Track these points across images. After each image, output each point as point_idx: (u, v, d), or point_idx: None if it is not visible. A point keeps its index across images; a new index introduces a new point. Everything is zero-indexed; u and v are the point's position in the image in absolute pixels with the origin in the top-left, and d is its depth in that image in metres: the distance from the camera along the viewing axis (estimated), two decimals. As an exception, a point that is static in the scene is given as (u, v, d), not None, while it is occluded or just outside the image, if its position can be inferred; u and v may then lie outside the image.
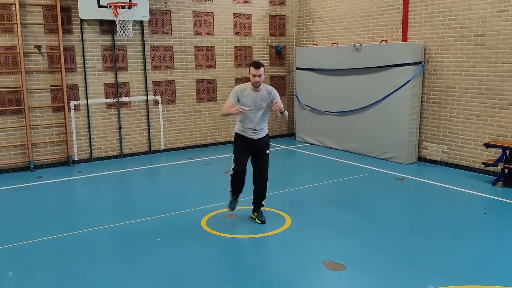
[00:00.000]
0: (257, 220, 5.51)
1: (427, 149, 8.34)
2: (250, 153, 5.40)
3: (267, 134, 5.54)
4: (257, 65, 5.16)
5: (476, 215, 5.73)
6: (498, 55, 7.13)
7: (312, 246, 4.84)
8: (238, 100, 5.21)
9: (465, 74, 7.60)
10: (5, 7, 7.82)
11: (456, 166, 7.89)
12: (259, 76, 5.13)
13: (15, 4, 7.69)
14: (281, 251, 4.79)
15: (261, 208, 5.58)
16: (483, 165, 7.19)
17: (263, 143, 5.44)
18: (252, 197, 5.58)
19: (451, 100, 7.87)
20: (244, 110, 5.05)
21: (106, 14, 8.32)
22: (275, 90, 5.42)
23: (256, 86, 5.21)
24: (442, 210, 5.90)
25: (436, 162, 8.21)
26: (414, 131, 8.30)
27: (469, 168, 7.71)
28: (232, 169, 5.34)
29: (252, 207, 5.62)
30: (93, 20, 8.55)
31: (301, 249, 4.75)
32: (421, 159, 8.44)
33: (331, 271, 4.26)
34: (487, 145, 7.04)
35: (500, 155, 6.90)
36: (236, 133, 5.45)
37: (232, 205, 5.59)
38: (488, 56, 7.25)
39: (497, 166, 6.95)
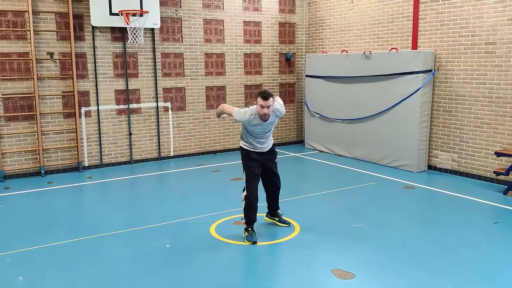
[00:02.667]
0: (281, 224, 5.52)
1: (437, 158, 8.29)
2: (261, 167, 5.22)
3: (274, 144, 5.45)
4: (265, 95, 4.70)
5: (487, 225, 5.67)
6: (509, 63, 7.09)
7: (321, 254, 4.82)
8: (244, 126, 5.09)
9: (476, 82, 7.57)
10: (18, 14, 7.93)
11: (467, 175, 7.83)
12: (268, 107, 4.71)
13: (28, 12, 7.80)
14: (289, 258, 4.78)
15: (278, 211, 5.59)
16: (494, 174, 7.12)
17: (272, 153, 5.35)
18: (267, 205, 5.58)
19: (461, 108, 7.82)
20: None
21: (118, 22, 8.41)
22: (278, 103, 5.21)
23: (264, 120, 4.86)
24: (453, 219, 5.85)
25: (446, 170, 8.16)
26: (424, 139, 8.26)
27: (479, 177, 7.65)
28: (246, 194, 5.12)
29: (266, 211, 5.65)
30: (105, 27, 8.64)
31: (310, 257, 4.74)
32: (431, 167, 8.39)
33: (340, 280, 4.24)
34: (498, 154, 6.99)
35: (511, 164, 6.83)
36: (243, 148, 5.23)
37: (251, 238, 5.07)
38: (499, 64, 7.21)
39: (508, 175, 6.89)
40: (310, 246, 5.02)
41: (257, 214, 5.26)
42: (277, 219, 5.60)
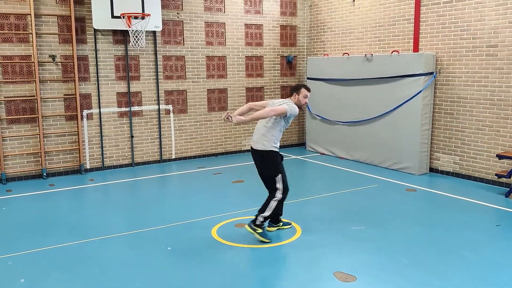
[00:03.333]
0: (285, 227, 5.58)
1: (439, 160, 8.29)
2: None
3: (263, 153, 5.34)
4: (308, 88, 5.37)
5: (489, 227, 5.66)
6: (510, 66, 7.09)
7: (322, 256, 4.82)
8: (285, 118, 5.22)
9: (477, 84, 7.57)
10: (21, 17, 7.96)
11: (469, 177, 7.82)
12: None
13: (30, 15, 7.83)
14: (291, 261, 4.78)
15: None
16: (496, 177, 7.12)
17: (258, 161, 5.42)
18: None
19: (463, 110, 7.82)
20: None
21: (120, 25, 8.43)
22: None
23: (300, 107, 5.33)
24: (455, 221, 5.84)
25: (448, 173, 8.15)
26: (426, 141, 8.25)
27: (481, 180, 7.64)
28: (282, 192, 5.23)
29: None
30: (107, 30, 8.67)
31: (311, 260, 4.73)
32: (433, 170, 8.38)
33: (342, 282, 4.24)
34: (500, 156, 6.98)
35: (513, 166, 6.83)
36: (273, 151, 5.27)
37: (266, 236, 5.22)
38: (501, 67, 7.21)
39: (510, 178, 6.88)
40: (311, 248, 5.02)
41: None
42: (281, 223, 5.58)
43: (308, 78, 10.48)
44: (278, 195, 5.20)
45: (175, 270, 4.54)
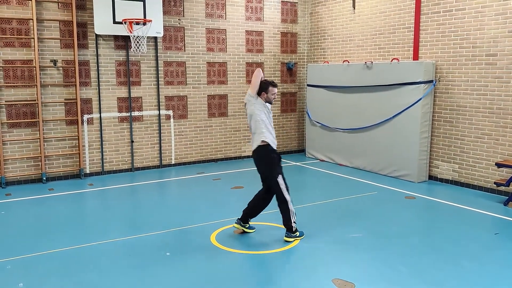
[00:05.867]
0: (249, 230, 5.63)
1: (438, 168, 8.30)
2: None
3: (259, 150, 5.47)
4: (276, 84, 5.50)
5: (488, 235, 5.67)
6: (509, 74, 7.13)
7: (321, 263, 4.82)
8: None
9: (477, 93, 7.60)
10: (23, 22, 8.00)
11: (468, 185, 7.84)
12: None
13: (32, 20, 7.87)
14: (290, 268, 4.78)
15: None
16: (495, 185, 7.13)
17: (257, 161, 5.54)
18: (246, 208, 5.62)
19: (462, 119, 7.85)
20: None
21: (121, 30, 8.47)
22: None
23: (270, 102, 5.45)
24: (454, 229, 5.85)
25: (447, 181, 8.16)
26: (425, 149, 8.27)
27: (480, 188, 7.65)
28: (289, 196, 5.36)
29: (240, 218, 5.68)
30: (108, 35, 8.71)
31: (310, 267, 4.74)
32: (432, 177, 8.39)
33: (340, 289, 4.24)
34: (499, 165, 7.00)
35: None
36: (269, 147, 5.34)
37: (302, 232, 5.52)
38: (500, 75, 7.24)
39: (509, 186, 6.90)
40: (310, 255, 5.03)
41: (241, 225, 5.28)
42: (247, 225, 5.65)
43: (308, 85, 10.51)
44: (288, 197, 5.34)
45: (173, 276, 4.54)
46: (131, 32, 8.37)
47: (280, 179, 5.29)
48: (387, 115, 8.65)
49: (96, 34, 8.58)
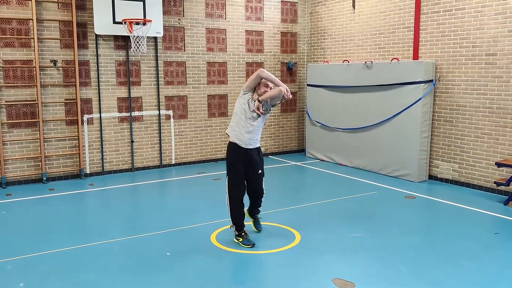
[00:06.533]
0: (254, 228, 5.58)
1: (438, 168, 8.30)
2: (244, 170, 5.26)
3: (260, 149, 5.43)
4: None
5: (488, 235, 5.67)
6: (509, 74, 7.13)
7: (321, 263, 4.83)
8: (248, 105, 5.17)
9: (477, 93, 7.60)
10: (23, 22, 8.01)
11: (468, 185, 7.84)
12: (270, 88, 5.14)
13: (32, 20, 7.88)
14: (290, 267, 4.78)
15: (258, 215, 5.65)
16: (495, 185, 7.13)
17: (258, 157, 5.31)
18: (249, 206, 5.62)
19: (462, 118, 7.85)
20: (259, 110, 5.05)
21: (121, 30, 8.48)
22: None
23: (260, 95, 5.15)
24: (454, 229, 5.85)
25: (447, 180, 8.17)
26: (425, 149, 8.27)
27: (480, 187, 7.65)
28: (229, 196, 5.25)
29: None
30: (108, 35, 8.71)
31: (310, 266, 4.74)
32: (432, 177, 8.40)
33: (340, 289, 4.25)
34: (499, 164, 7.00)
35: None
36: (231, 143, 5.25)
37: (248, 242, 5.24)
38: (500, 75, 7.25)
39: (509, 186, 6.90)
40: (310, 255, 5.03)
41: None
42: (254, 221, 5.66)
43: (308, 85, 10.51)
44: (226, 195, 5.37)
45: (174, 276, 4.54)
46: (131, 32, 8.38)
47: (227, 179, 5.28)
48: (387, 114, 8.65)
49: (96, 34, 8.58)
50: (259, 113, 5.12)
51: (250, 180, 5.33)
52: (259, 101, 5.10)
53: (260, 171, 5.35)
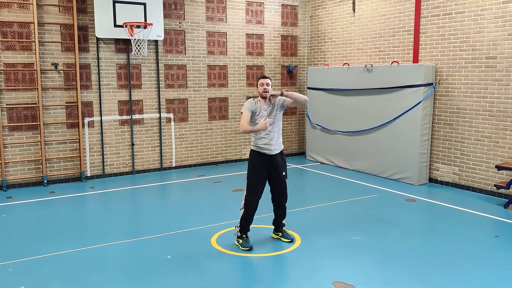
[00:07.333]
0: (284, 240, 5.49)
1: (438, 171, 8.31)
2: (267, 175, 5.27)
3: (283, 151, 5.42)
4: (264, 76, 5.41)
5: (488, 238, 5.68)
6: (509, 77, 7.15)
7: (322, 266, 4.83)
8: (252, 114, 5.15)
9: (477, 96, 7.62)
10: (24, 25, 8.03)
11: (468, 188, 7.85)
12: (267, 84, 5.21)
13: (34, 23, 7.90)
14: (290, 270, 4.79)
15: (283, 227, 5.59)
16: (495, 188, 7.14)
17: (281, 162, 5.31)
18: (274, 217, 5.58)
19: (462, 121, 7.87)
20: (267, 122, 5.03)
21: (122, 33, 8.51)
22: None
23: (264, 97, 5.22)
24: (454, 232, 5.86)
25: (447, 183, 8.17)
26: (425, 152, 8.28)
27: (480, 190, 7.66)
28: (244, 204, 5.26)
29: (273, 227, 5.64)
30: (109, 39, 8.74)
31: (310, 269, 4.75)
32: (432, 180, 8.40)
33: (340, 292, 4.25)
34: (499, 167, 7.01)
35: (512, 177, 6.86)
36: (252, 150, 5.30)
37: (246, 245, 5.26)
38: (500, 78, 7.26)
39: (509, 189, 6.91)
40: (310, 258, 5.04)
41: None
42: (281, 234, 5.58)
43: (308, 88, 10.53)
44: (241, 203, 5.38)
45: (174, 279, 4.55)
46: (131, 36, 8.40)
47: (246, 182, 5.35)
48: (387, 117, 8.67)
49: (97, 38, 8.60)
50: (269, 97, 5.23)
51: (274, 183, 5.35)
52: (263, 97, 5.24)
53: (284, 173, 5.35)
